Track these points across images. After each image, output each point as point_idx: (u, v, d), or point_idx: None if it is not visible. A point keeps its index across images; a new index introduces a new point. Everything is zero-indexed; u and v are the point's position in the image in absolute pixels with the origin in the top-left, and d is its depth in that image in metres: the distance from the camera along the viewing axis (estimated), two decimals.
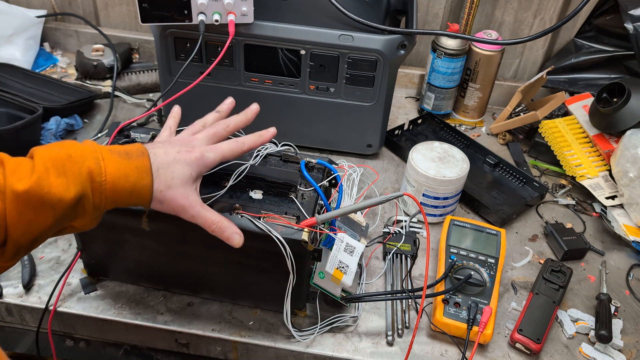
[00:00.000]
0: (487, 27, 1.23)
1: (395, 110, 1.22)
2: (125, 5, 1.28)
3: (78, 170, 0.57)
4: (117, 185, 0.59)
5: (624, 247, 0.95)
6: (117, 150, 0.61)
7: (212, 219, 0.64)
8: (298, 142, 0.94)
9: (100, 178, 0.58)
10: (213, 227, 0.64)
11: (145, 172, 0.61)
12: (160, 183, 0.62)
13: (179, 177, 0.63)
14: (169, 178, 0.62)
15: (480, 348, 0.77)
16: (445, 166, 0.90)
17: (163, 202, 0.63)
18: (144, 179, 0.61)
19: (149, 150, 0.63)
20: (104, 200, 0.59)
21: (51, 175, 0.56)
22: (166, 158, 0.63)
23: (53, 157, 0.57)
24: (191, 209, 0.64)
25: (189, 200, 0.63)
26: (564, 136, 1.07)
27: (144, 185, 0.61)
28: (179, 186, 0.63)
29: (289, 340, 0.76)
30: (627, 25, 1.06)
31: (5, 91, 1.01)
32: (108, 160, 0.60)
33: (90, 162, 0.58)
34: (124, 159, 0.61)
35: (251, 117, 0.76)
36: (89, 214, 0.59)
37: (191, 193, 0.64)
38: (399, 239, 0.88)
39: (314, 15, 0.96)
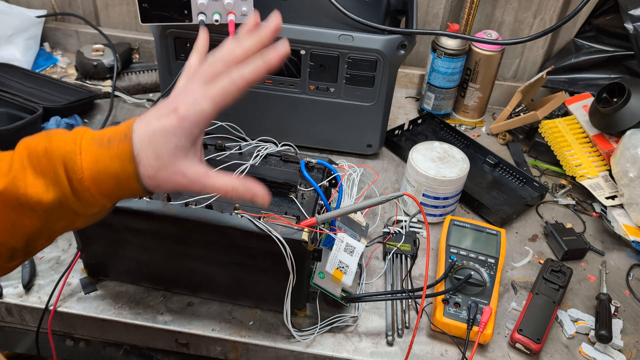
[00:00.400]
0: (487, 27, 1.23)
1: (395, 110, 1.22)
2: (125, 5, 1.28)
3: (54, 169, 0.51)
4: (99, 180, 0.51)
5: (624, 247, 0.95)
6: (99, 138, 0.52)
7: (225, 187, 0.53)
8: (298, 142, 0.94)
9: (76, 175, 0.51)
10: (230, 194, 0.54)
11: (127, 160, 0.51)
12: (146, 167, 0.51)
13: (164, 153, 0.51)
14: (153, 158, 0.51)
15: (480, 348, 0.77)
16: (445, 166, 0.90)
17: (160, 187, 0.53)
18: (126, 169, 0.51)
19: (135, 128, 0.52)
20: (92, 196, 0.52)
21: (28, 175, 0.51)
22: (146, 132, 0.51)
23: (31, 153, 0.51)
24: (194, 185, 0.53)
25: (186, 176, 0.52)
26: (564, 136, 1.07)
27: (128, 176, 0.51)
28: (169, 164, 0.52)
29: (289, 340, 0.76)
30: (627, 25, 1.06)
31: (5, 91, 1.01)
32: (86, 152, 0.51)
33: (67, 157, 0.51)
34: (103, 148, 0.51)
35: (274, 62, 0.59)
36: (83, 214, 0.53)
37: (188, 166, 0.52)
38: (399, 239, 0.88)
39: (314, 15, 0.96)
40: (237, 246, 0.70)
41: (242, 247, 0.70)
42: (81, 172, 0.51)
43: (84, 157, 0.51)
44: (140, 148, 0.51)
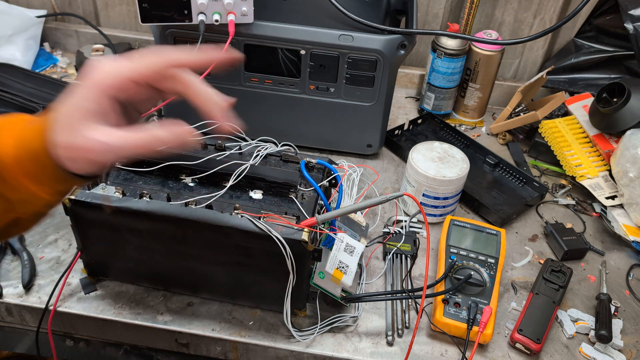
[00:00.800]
0: (487, 27, 1.23)
1: (395, 110, 1.22)
2: (125, 5, 1.28)
3: None
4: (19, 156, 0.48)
5: (624, 247, 0.95)
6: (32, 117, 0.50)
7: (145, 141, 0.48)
8: (298, 142, 0.94)
9: None
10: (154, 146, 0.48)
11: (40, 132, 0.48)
12: (62, 136, 0.47)
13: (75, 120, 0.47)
14: (67, 127, 0.47)
15: (480, 348, 0.77)
16: (445, 166, 0.90)
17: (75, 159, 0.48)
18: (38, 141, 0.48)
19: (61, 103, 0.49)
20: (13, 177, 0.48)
21: None
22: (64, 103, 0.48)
23: None
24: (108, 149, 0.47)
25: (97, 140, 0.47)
26: (564, 136, 1.07)
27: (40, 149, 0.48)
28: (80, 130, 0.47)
29: (289, 340, 0.76)
30: (627, 25, 1.06)
31: (5, 91, 1.01)
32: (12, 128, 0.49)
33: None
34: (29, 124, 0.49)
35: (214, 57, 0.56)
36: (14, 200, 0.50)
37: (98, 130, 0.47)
38: (399, 239, 0.88)
39: (314, 15, 0.96)
40: (237, 246, 0.70)
41: (242, 247, 0.70)
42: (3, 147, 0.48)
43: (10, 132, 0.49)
44: (59, 117, 0.48)
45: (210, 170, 0.73)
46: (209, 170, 0.73)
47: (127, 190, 0.71)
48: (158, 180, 0.74)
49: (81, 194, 0.70)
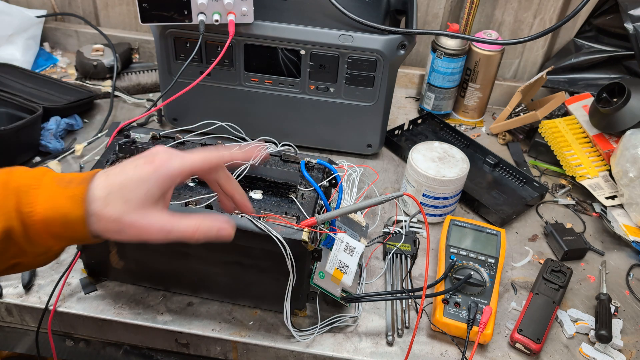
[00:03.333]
0: (487, 27, 1.23)
1: (395, 110, 1.22)
2: (125, 5, 1.28)
3: (6, 200, 0.51)
4: (49, 218, 0.51)
5: (624, 247, 0.95)
6: (61, 178, 0.54)
7: (189, 227, 0.55)
8: (298, 142, 0.94)
9: (27, 208, 0.51)
10: (196, 235, 0.55)
11: (79, 202, 0.52)
12: (112, 211, 0.52)
13: (133, 199, 0.52)
14: (122, 202, 0.52)
15: (480, 348, 0.77)
16: (445, 166, 0.90)
17: (122, 231, 0.53)
18: (76, 210, 0.52)
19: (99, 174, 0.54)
20: (37, 234, 0.52)
21: None
22: (118, 178, 0.53)
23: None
24: (159, 232, 0.54)
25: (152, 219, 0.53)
26: (564, 136, 1.07)
27: (76, 218, 0.52)
28: (136, 209, 0.53)
29: (289, 340, 0.76)
30: (627, 25, 1.06)
31: (5, 91, 1.01)
32: (43, 188, 0.52)
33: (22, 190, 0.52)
34: (61, 188, 0.52)
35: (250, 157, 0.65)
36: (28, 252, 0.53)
37: (154, 215, 0.54)
38: (399, 239, 0.88)
39: (314, 15, 0.96)
40: (237, 246, 0.70)
41: (242, 247, 0.70)
42: (32, 206, 0.51)
43: (40, 192, 0.52)
44: (112, 191, 0.53)
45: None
46: None
47: None
48: None
49: None
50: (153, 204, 0.54)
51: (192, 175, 0.57)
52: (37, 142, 1.00)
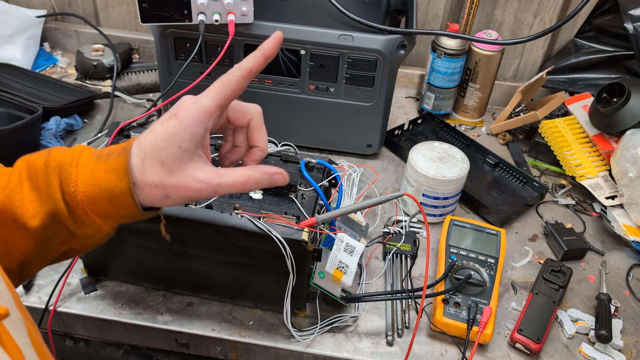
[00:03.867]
0: (487, 27, 1.23)
1: (395, 110, 1.22)
2: (125, 5, 1.28)
3: (48, 180, 0.49)
4: (93, 195, 0.49)
5: (624, 247, 0.95)
6: (99, 153, 0.51)
7: (240, 176, 0.51)
8: (298, 142, 0.94)
9: (69, 188, 0.49)
10: (248, 185, 0.51)
11: (122, 174, 0.49)
12: (152, 175, 0.49)
13: (169, 158, 0.49)
14: (159, 165, 0.49)
15: (480, 348, 0.77)
16: (445, 166, 0.90)
17: (169, 196, 0.50)
18: (120, 182, 0.49)
19: (135, 141, 0.51)
20: (83, 214, 0.50)
21: (25, 188, 0.49)
22: (149, 140, 0.49)
23: (30, 166, 0.50)
24: (207, 187, 0.50)
25: (197, 179, 0.49)
26: (564, 136, 1.07)
27: (121, 191, 0.49)
28: (175, 169, 0.49)
29: (289, 340, 0.76)
30: (627, 25, 1.06)
31: (5, 91, 1.01)
32: (83, 165, 0.50)
33: (62, 169, 0.49)
34: (101, 162, 0.50)
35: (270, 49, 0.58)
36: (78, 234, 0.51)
37: (197, 168, 0.50)
38: (399, 239, 0.88)
39: (314, 15, 0.96)
40: (237, 246, 0.70)
41: (242, 247, 0.70)
42: (75, 184, 0.49)
43: (80, 170, 0.49)
44: (146, 156, 0.49)
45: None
46: None
47: None
48: None
49: None
50: (191, 159, 0.50)
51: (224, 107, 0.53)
52: (37, 142, 1.00)
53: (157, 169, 0.49)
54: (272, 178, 0.53)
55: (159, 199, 0.50)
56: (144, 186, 0.49)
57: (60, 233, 0.51)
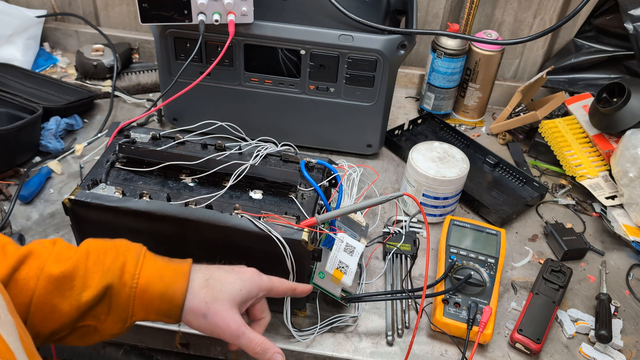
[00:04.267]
0: (487, 27, 1.23)
1: (395, 110, 1.22)
2: (125, 5, 1.28)
3: (114, 260, 0.56)
4: (150, 285, 0.56)
5: (624, 247, 0.95)
6: (163, 257, 0.60)
7: (257, 340, 0.60)
8: (298, 142, 0.94)
9: (133, 270, 0.56)
10: (257, 348, 0.60)
11: (182, 275, 0.58)
12: (208, 294, 0.58)
13: (228, 290, 0.59)
14: (217, 290, 0.59)
15: (480, 348, 0.77)
16: (445, 166, 0.90)
17: (207, 316, 0.58)
18: (178, 281, 0.57)
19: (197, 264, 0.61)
20: (132, 298, 0.56)
21: (90, 260, 0.56)
22: (219, 271, 0.61)
23: (99, 245, 0.57)
24: (237, 329, 0.59)
25: (234, 316, 0.59)
26: (564, 136, 1.07)
27: (177, 288, 0.57)
28: (226, 300, 0.59)
29: (289, 340, 0.76)
30: (627, 25, 1.06)
31: (5, 91, 1.01)
32: (149, 259, 0.58)
33: (130, 255, 0.57)
34: (165, 262, 0.59)
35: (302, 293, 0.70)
36: (113, 312, 0.56)
37: (237, 313, 0.60)
38: (399, 239, 0.88)
39: (314, 15, 0.96)
40: (237, 246, 0.70)
41: (242, 247, 0.70)
42: (139, 270, 0.56)
43: (146, 261, 0.58)
44: (212, 277, 0.59)
45: (210, 170, 0.73)
46: (209, 170, 0.73)
47: (127, 190, 0.71)
48: (158, 180, 0.74)
49: (81, 194, 0.70)
50: (238, 304, 0.60)
51: (269, 293, 0.65)
52: (37, 142, 1.00)
53: (215, 291, 0.59)
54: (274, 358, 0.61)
55: (198, 314, 0.58)
56: (197, 296, 0.58)
57: (99, 307, 0.56)
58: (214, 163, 0.73)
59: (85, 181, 0.72)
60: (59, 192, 0.95)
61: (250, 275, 0.62)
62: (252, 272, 0.63)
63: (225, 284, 0.59)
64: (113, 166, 0.75)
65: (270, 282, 0.64)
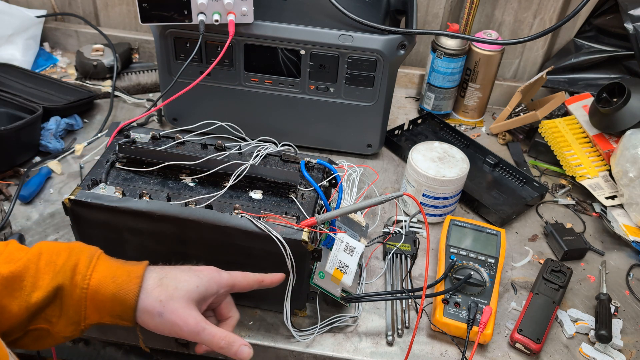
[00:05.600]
0: (487, 27, 1.23)
1: (395, 110, 1.22)
2: (125, 5, 1.28)
3: (67, 261, 0.55)
4: (102, 286, 0.55)
5: (624, 247, 0.95)
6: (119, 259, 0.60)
7: (220, 334, 0.59)
8: (298, 142, 0.94)
9: (85, 271, 0.55)
10: (221, 342, 0.58)
11: (135, 276, 0.57)
12: (162, 292, 0.57)
13: (183, 288, 0.58)
14: (172, 288, 0.58)
15: (480, 348, 0.77)
16: (445, 166, 0.90)
17: (163, 314, 0.57)
18: (131, 282, 0.56)
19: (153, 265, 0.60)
20: (84, 300, 0.55)
21: (42, 261, 0.55)
22: (174, 270, 0.60)
23: (52, 246, 0.56)
24: (196, 324, 0.57)
25: (192, 313, 0.57)
26: (564, 136, 1.07)
27: (129, 289, 0.56)
28: (182, 298, 0.57)
29: (289, 340, 0.76)
30: (627, 25, 1.06)
31: (5, 91, 1.01)
32: (102, 260, 0.57)
33: (83, 256, 0.56)
34: (119, 264, 0.58)
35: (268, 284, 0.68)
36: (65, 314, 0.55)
37: (196, 311, 0.58)
38: (399, 239, 0.88)
39: (314, 15, 0.96)
40: (237, 246, 0.70)
41: (242, 247, 0.70)
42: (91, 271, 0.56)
43: (100, 262, 0.57)
44: (166, 276, 0.58)
45: (210, 170, 0.73)
46: (209, 170, 0.73)
47: (127, 190, 0.71)
48: (158, 180, 0.74)
49: (81, 194, 0.70)
50: (195, 301, 0.59)
51: (232, 289, 0.64)
52: (37, 142, 1.00)
53: (169, 289, 0.57)
54: (240, 350, 0.59)
55: (153, 313, 0.57)
56: (151, 295, 0.57)
57: (51, 309, 0.55)
58: (214, 163, 0.73)
59: (85, 181, 0.72)
60: (59, 192, 0.95)
61: (208, 272, 0.61)
62: (210, 270, 0.62)
63: (180, 281, 0.58)
64: (113, 166, 0.75)
65: (232, 278, 0.63)
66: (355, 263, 0.73)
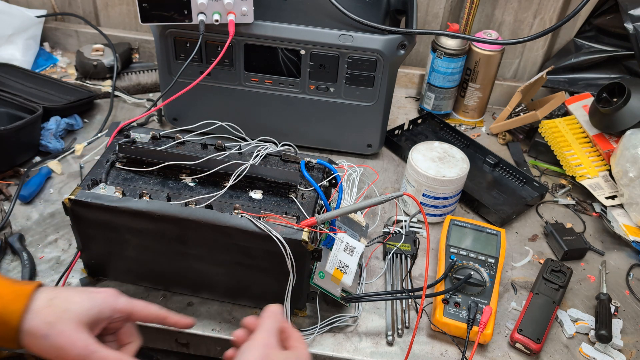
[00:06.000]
0: (487, 27, 1.23)
1: (395, 110, 1.22)
2: (125, 5, 1.28)
3: None
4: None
5: (624, 247, 0.95)
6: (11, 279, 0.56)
7: (112, 356, 0.55)
8: (298, 142, 0.94)
9: None
10: None
11: (22, 296, 0.53)
12: (50, 314, 0.53)
13: (73, 310, 0.55)
14: (61, 310, 0.54)
15: (480, 348, 0.77)
16: (445, 166, 0.90)
17: (48, 337, 0.53)
18: (17, 302, 0.53)
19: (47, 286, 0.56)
20: None
21: None
22: (68, 291, 0.57)
23: None
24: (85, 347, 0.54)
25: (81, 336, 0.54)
26: (564, 136, 1.07)
27: (14, 309, 0.53)
28: (72, 320, 0.54)
29: None
30: (627, 25, 1.06)
31: (5, 91, 1.01)
32: None
33: None
34: (8, 283, 0.55)
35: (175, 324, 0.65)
36: None
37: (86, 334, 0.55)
38: (399, 239, 0.88)
39: (314, 15, 0.96)
40: (237, 246, 0.70)
41: (242, 247, 0.70)
42: None
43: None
44: (56, 297, 0.55)
45: (210, 170, 0.73)
46: (209, 170, 0.73)
47: (127, 190, 0.71)
48: (158, 180, 0.74)
49: (81, 194, 0.70)
50: (87, 325, 0.55)
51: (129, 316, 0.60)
52: (37, 142, 1.00)
53: (58, 311, 0.54)
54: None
55: (39, 336, 0.53)
56: (38, 316, 0.53)
57: None
58: (214, 163, 0.73)
59: (85, 181, 0.72)
60: (59, 192, 0.95)
61: (104, 295, 0.58)
62: (108, 293, 0.59)
63: (71, 303, 0.55)
64: (113, 166, 0.75)
65: (130, 305, 0.60)
66: (355, 263, 0.73)
